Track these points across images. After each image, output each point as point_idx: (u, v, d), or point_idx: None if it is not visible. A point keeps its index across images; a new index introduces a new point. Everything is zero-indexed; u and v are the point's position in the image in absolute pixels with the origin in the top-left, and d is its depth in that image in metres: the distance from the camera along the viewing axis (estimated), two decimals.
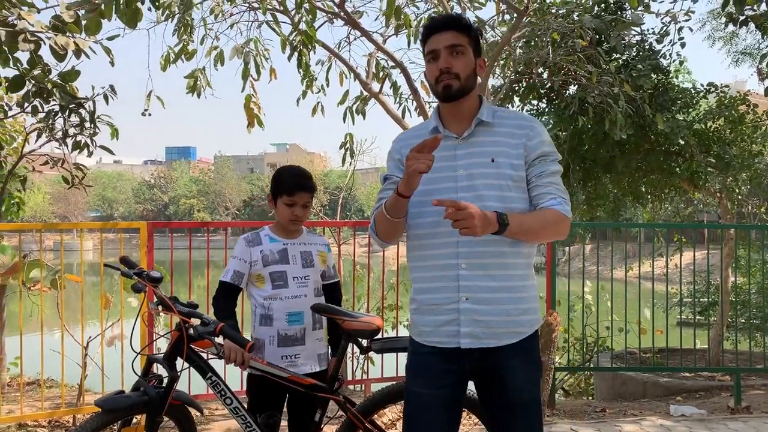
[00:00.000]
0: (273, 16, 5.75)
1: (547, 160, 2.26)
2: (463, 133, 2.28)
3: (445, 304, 2.23)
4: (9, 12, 4.58)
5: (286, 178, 2.99)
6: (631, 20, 7.06)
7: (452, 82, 2.22)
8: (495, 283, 2.20)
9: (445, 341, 2.24)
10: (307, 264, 3.00)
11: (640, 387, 6.70)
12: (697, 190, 8.55)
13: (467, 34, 2.26)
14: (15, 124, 6.85)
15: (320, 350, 3.03)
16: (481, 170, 2.23)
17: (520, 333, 2.25)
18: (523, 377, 2.25)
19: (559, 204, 2.21)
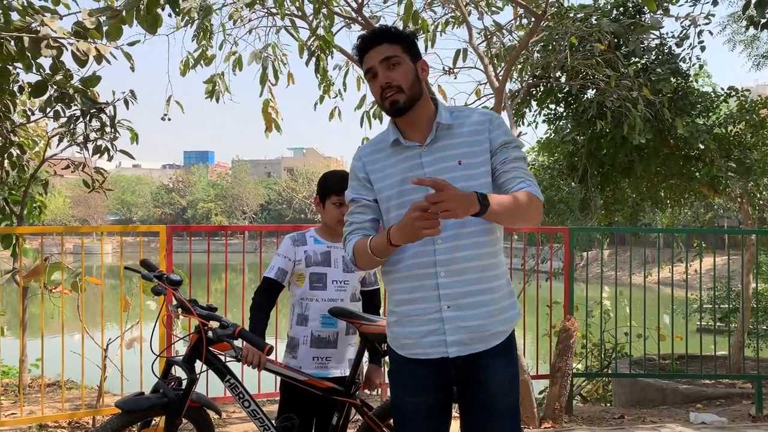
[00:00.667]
0: (291, 22, 5.78)
1: (509, 146, 2.22)
2: (425, 140, 2.22)
3: (426, 314, 2.17)
4: (32, 18, 4.65)
5: (334, 180, 3.04)
6: (650, 24, 7.02)
7: (397, 96, 2.17)
8: (473, 287, 2.16)
9: (430, 352, 2.18)
10: (348, 269, 3.03)
11: (659, 394, 6.63)
12: (717, 195, 8.46)
13: (399, 42, 2.21)
14: (37, 128, 6.94)
15: (351, 355, 3.05)
16: (450, 174, 2.15)
17: (504, 332, 2.22)
18: (504, 381, 2.22)
19: (529, 186, 2.15)
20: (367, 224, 2.29)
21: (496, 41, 6.71)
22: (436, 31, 6.15)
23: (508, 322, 2.23)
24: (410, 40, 2.26)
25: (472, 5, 6.20)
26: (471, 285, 2.16)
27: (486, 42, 6.45)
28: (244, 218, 70.12)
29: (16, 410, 4.98)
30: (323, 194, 3.05)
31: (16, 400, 5.39)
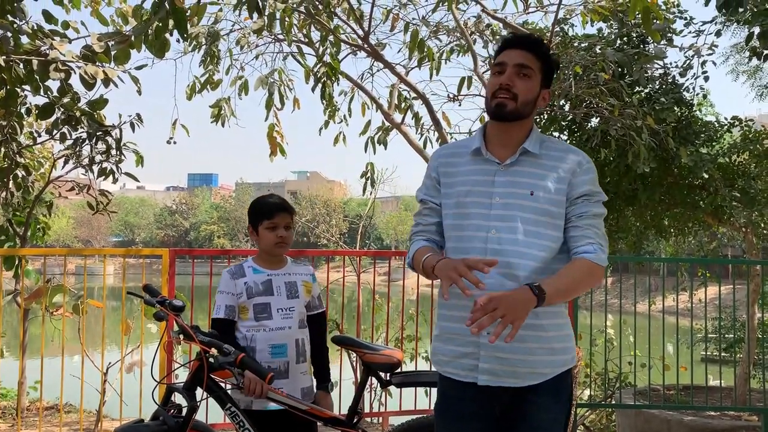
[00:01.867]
0: (298, 48, 5.84)
1: (591, 200, 2.14)
2: (505, 160, 2.16)
3: (465, 335, 2.10)
4: (42, 42, 4.70)
5: (262, 204, 3.00)
6: (654, 54, 7.06)
7: (508, 101, 2.10)
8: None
9: (462, 374, 2.15)
10: (291, 295, 2.96)
11: (664, 425, 6.53)
12: (721, 224, 8.44)
13: (542, 62, 2.15)
14: (43, 150, 6.99)
15: (304, 384, 2.96)
16: (519, 202, 2.11)
17: (544, 374, 2.13)
18: (547, 417, 2.15)
19: (595, 252, 2.09)
20: (433, 227, 2.28)
21: None
22: (441, 59, 6.20)
23: (553, 365, 2.14)
24: (551, 68, 2.20)
25: (477, 34, 6.26)
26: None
27: (490, 70, 6.50)
28: (246, 241, 70.09)
29: None
30: (255, 221, 2.99)
31: (14, 424, 5.34)
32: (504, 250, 2.09)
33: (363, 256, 7.38)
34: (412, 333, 6.76)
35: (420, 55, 5.82)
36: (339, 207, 60.24)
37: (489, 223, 2.12)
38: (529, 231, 2.11)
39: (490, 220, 2.13)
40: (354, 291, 6.29)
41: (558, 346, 2.15)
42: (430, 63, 5.92)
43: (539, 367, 2.12)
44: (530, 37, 2.21)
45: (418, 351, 6.07)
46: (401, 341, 6.04)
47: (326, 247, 21.61)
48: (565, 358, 2.18)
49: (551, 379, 2.14)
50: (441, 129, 5.79)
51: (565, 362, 2.18)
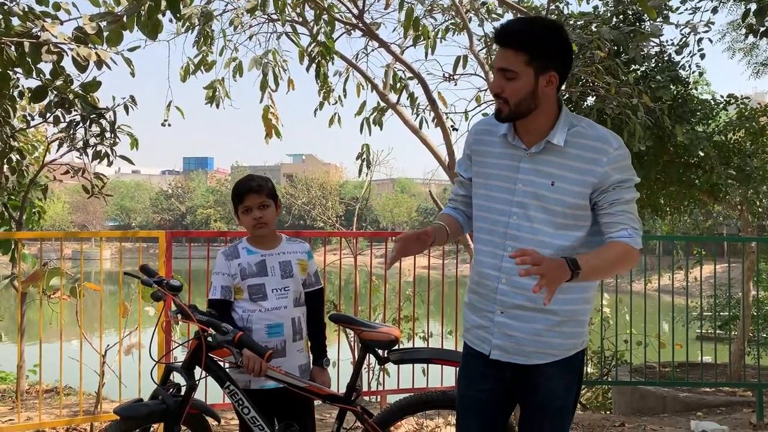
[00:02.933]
0: (292, 28, 5.79)
1: (623, 187, 2.13)
2: (531, 148, 2.19)
3: (483, 309, 2.25)
4: (33, 24, 4.65)
5: (235, 188, 3.00)
6: (650, 31, 7.02)
7: (502, 107, 2.14)
8: (530, 303, 2.14)
9: (476, 344, 2.28)
10: (286, 275, 2.97)
11: (660, 402, 6.61)
12: (717, 202, 8.47)
13: (527, 51, 2.07)
14: (37, 133, 6.94)
15: (301, 361, 3.00)
16: (540, 191, 2.15)
17: (552, 355, 2.20)
18: (557, 385, 2.22)
19: (630, 236, 2.10)
20: (460, 198, 2.46)
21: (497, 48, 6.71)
22: (436, 38, 6.14)
23: (562, 348, 2.21)
24: (542, 48, 2.09)
25: (473, 12, 6.21)
26: (529, 300, 2.14)
27: (486, 49, 6.45)
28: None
29: (13, 416, 4.96)
30: (234, 205, 3.02)
31: (14, 407, 5.37)
32: (522, 237, 2.16)
33: (360, 238, 7.39)
34: (409, 313, 6.79)
35: (415, 33, 5.77)
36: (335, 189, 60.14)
37: (511, 208, 2.19)
38: (547, 220, 2.15)
39: (512, 205, 2.19)
40: (351, 273, 6.30)
41: (569, 330, 2.20)
42: (426, 42, 5.87)
43: (547, 348, 2.19)
44: (510, 30, 2.14)
45: (415, 331, 6.10)
46: (398, 321, 6.08)
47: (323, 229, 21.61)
48: (576, 342, 2.24)
49: (560, 359, 2.22)
50: (437, 109, 5.75)
51: (575, 345, 2.24)
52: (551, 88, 2.14)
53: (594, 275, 2.08)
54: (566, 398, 2.24)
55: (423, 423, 4.90)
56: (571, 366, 2.24)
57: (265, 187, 2.98)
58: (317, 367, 3.03)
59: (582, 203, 2.15)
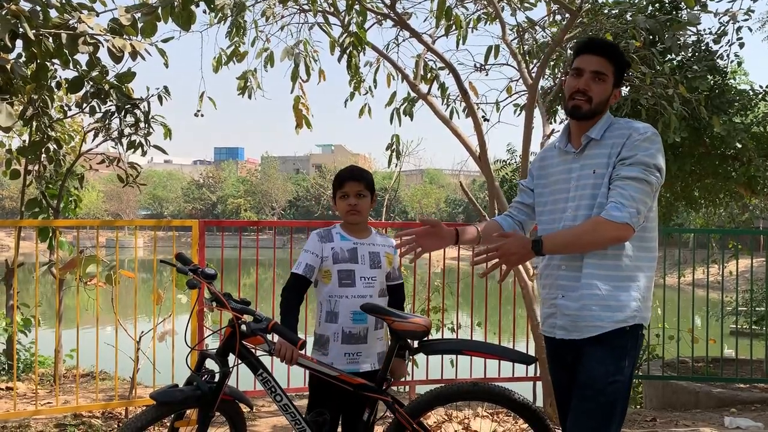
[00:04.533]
0: (324, 18, 5.79)
1: (625, 163, 2.36)
2: (578, 149, 2.51)
3: (550, 299, 2.53)
4: (70, 16, 4.73)
5: (339, 176, 3.09)
6: (687, 20, 6.88)
7: (583, 104, 2.42)
8: (583, 281, 2.40)
9: (548, 331, 2.56)
10: (375, 265, 3.05)
11: (692, 397, 6.51)
12: (754, 195, 8.28)
13: (615, 65, 2.45)
14: (74, 123, 7.07)
15: (380, 349, 3.08)
16: (585, 182, 2.44)
17: (600, 327, 2.38)
18: (597, 367, 2.36)
19: (613, 209, 2.30)
20: (516, 205, 2.78)
21: (529, 38, 6.63)
22: (468, 28, 6.10)
23: (608, 320, 2.37)
24: (623, 68, 2.50)
25: (505, 1, 6.14)
26: (581, 279, 2.40)
27: (519, 39, 6.38)
28: (272, 214, 70.64)
29: (51, 399, 5.09)
30: (334, 191, 3.12)
31: (52, 390, 5.51)
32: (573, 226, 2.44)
33: (388, 229, 7.39)
34: (437, 304, 6.79)
35: (447, 23, 5.73)
36: None
37: (567, 204, 2.50)
38: (592, 204, 2.40)
39: (568, 201, 2.50)
40: None
41: (614, 303, 2.38)
42: (457, 31, 5.82)
43: (595, 321, 2.39)
44: (606, 43, 2.53)
45: (444, 322, 6.09)
46: (427, 312, 6.07)
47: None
48: (622, 315, 2.37)
49: (607, 332, 2.37)
50: (468, 99, 5.71)
51: (623, 319, 2.38)
52: (613, 101, 2.51)
53: (559, 249, 2.39)
54: (605, 382, 2.33)
55: (452, 414, 4.91)
56: (615, 347, 2.37)
57: (364, 177, 3.09)
58: (397, 359, 3.06)
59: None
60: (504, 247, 2.29)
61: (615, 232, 2.29)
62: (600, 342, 2.38)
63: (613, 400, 2.33)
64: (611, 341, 2.37)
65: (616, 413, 2.34)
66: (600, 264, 2.38)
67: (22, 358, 6.62)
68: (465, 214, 63.30)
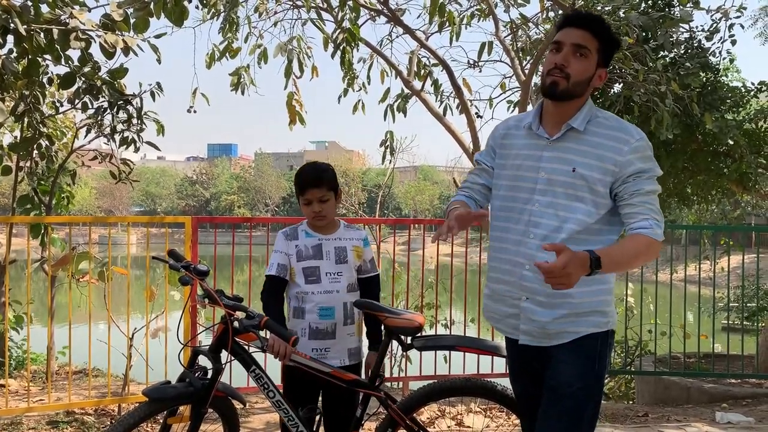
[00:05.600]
0: (317, 14, 5.79)
1: (642, 177, 2.17)
2: (553, 136, 2.25)
3: (511, 297, 2.32)
4: (61, 11, 4.71)
5: (298, 179, 3.02)
6: (679, 17, 6.89)
7: (560, 80, 2.17)
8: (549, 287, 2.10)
9: (508, 332, 2.39)
10: (340, 260, 3.02)
11: (684, 392, 6.55)
12: (746, 191, 8.31)
13: (601, 39, 2.20)
14: (66, 120, 7.04)
15: (351, 345, 3.05)
16: (561, 178, 2.22)
17: (573, 333, 2.26)
18: (570, 370, 2.24)
19: (650, 227, 2.12)
20: (477, 187, 2.48)
21: (522, 34, 6.65)
22: (461, 24, 6.10)
23: (578, 326, 2.26)
24: (610, 45, 2.24)
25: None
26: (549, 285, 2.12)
27: (512, 35, 6.39)
28: (266, 211, 70.55)
29: (43, 396, 5.07)
30: (296, 193, 3.04)
31: (44, 387, 5.49)
32: (543, 224, 2.23)
33: (382, 225, 7.40)
34: (431, 301, 6.80)
35: (440, 19, 5.74)
36: (357, 177, 60.21)
37: (533, 196, 2.26)
38: (567, 206, 2.21)
39: (534, 193, 2.26)
40: None
41: (588, 310, 2.26)
42: (451, 28, 5.84)
43: (567, 327, 2.26)
44: (590, 15, 2.25)
45: (438, 319, 6.11)
46: (421, 309, 6.08)
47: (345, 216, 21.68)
48: (593, 320, 2.27)
49: (578, 338, 2.26)
50: (461, 95, 5.73)
51: (595, 324, 2.27)
52: (598, 83, 2.25)
53: (615, 269, 2.12)
54: (578, 384, 2.24)
55: (445, 410, 4.92)
56: (586, 349, 2.26)
57: (325, 180, 2.99)
58: (372, 352, 3.07)
59: (602, 190, 2.20)
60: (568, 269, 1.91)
61: (658, 250, 2.14)
62: (571, 347, 2.26)
63: (583, 404, 2.25)
64: (583, 345, 2.26)
65: (586, 417, 2.27)
66: None
67: (14, 356, 6.59)
68: None
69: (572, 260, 1.91)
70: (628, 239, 2.14)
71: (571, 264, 1.90)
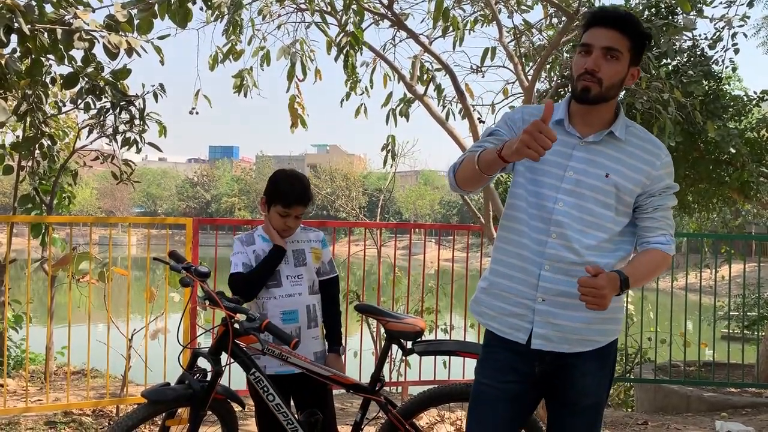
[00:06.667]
0: (321, 17, 5.78)
1: (668, 193, 2.20)
2: (587, 137, 2.17)
3: (518, 296, 2.18)
4: (65, 11, 4.71)
5: (284, 188, 2.97)
6: (683, 25, 6.90)
7: (592, 86, 2.08)
8: (575, 288, 2.02)
9: (507, 332, 2.20)
10: (299, 263, 3.01)
11: (684, 401, 6.53)
12: (747, 200, 8.31)
13: (631, 38, 2.09)
14: (68, 120, 7.04)
15: (316, 348, 3.03)
16: (592, 181, 2.14)
17: (595, 342, 2.21)
18: (592, 382, 2.23)
19: (667, 243, 2.18)
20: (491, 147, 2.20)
21: (526, 40, 6.65)
22: (465, 29, 6.10)
23: (603, 334, 2.22)
24: (642, 42, 2.13)
25: (502, 3, 6.15)
26: (573, 287, 2.04)
27: (515, 41, 6.39)
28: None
29: (42, 397, 5.06)
30: (269, 199, 2.99)
31: (42, 387, 5.48)
32: (567, 224, 2.13)
33: (383, 229, 7.39)
34: (431, 305, 6.78)
35: (444, 24, 5.74)
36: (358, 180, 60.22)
37: (557, 194, 2.15)
38: (595, 211, 2.14)
39: (559, 192, 2.15)
40: (374, 264, 6.31)
41: (608, 316, 2.20)
42: (455, 33, 5.83)
43: (592, 335, 2.19)
44: (618, 14, 2.13)
45: (437, 324, 6.09)
46: (421, 313, 6.08)
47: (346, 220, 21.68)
48: (615, 328, 2.28)
49: (600, 348, 2.22)
50: (464, 100, 5.72)
51: (615, 332, 2.28)
52: (631, 82, 2.17)
53: (636, 285, 2.12)
54: (598, 395, 2.26)
55: (444, 415, 4.90)
56: (607, 359, 2.26)
57: (310, 198, 3.00)
58: (333, 354, 3.06)
59: (629, 200, 2.17)
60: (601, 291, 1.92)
61: (670, 262, 2.21)
62: (595, 357, 2.21)
63: (602, 412, 2.31)
64: (607, 355, 2.25)
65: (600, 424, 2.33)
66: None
67: (12, 355, 6.58)
68: (459, 216, 63.36)
69: (610, 282, 1.95)
70: (647, 255, 2.15)
71: (609, 285, 1.94)
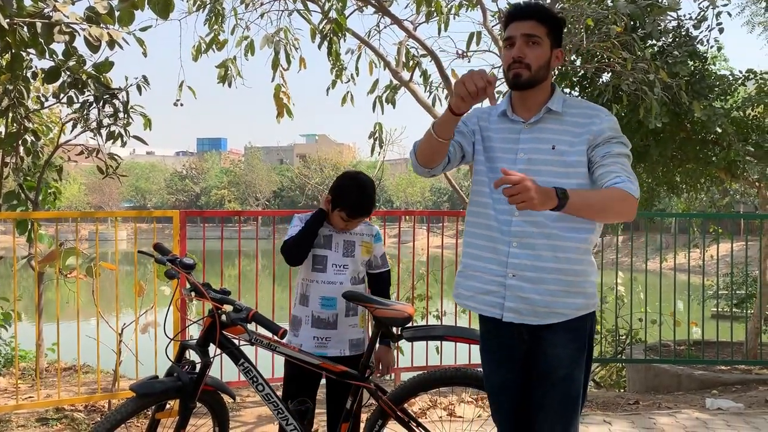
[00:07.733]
0: (303, 4, 5.74)
1: (613, 141, 2.26)
2: (529, 120, 2.33)
3: (489, 275, 2.32)
4: (45, 4, 4.64)
5: (352, 200, 2.98)
6: (667, 5, 6.90)
7: (522, 71, 2.26)
8: (542, 263, 2.24)
9: (483, 309, 2.36)
10: (347, 253, 3.06)
11: (675, 380, 6.59)
12: (734, 179, 8.36)
13: (547, 24, 2.29)
14: (51, 114, 6.97)
15: (353, 336, 3.07)
16: (541, 156, 2.28)
17: (561, 314, 2.27)
18: (562, 353, 2.29)
19: (623, 182, 2.13)
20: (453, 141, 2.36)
21: None
22: (449, 14, 6.08)
23: (569, 307, 2.28)
24: (557, 26, 2.33)
25: None
26: (540, 261, 2.24)
27: (500, 24, 6.37)
28: (257, 205, 70.33)
29: (33, 394, 5.04)
30: (337, 200, 3.01)
31: (33, 384, 5.45)
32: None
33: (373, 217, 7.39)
34: (422, 293, 6.79)
35: (428, 9, 5.71)
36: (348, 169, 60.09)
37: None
38: (552, 182, 2.13)
39: None
40: None
41: (575, 289, 2.28)
42: (438, 18, 5.81)
43: (557, 307, 2.27)
44: (530, 5, 2.33)
45: (429, 310, 6.11)
46: (412, 300, 6.08)
47: None
48: (584, 302, 2.31)
49: (569, 320, 2.29)
50: (450, 86, 5.70)
51: (585, 306, 2.31)
52: (557, 63, 2.36)
53: (585, 209, 2.07)
54: (570, 368, 2.29)
55: (437, 400, 4.92)
56: (578, 332, 2.31)
57: (373, 209, 3.09)
58: (383, 346, 3.08)
59: (581, 159, 2.26)
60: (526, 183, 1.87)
61: (634, 207, 2.14)
62: (563, 329, 2.28)
63: (578, 386, 2.30)
64: (574, 325, 2.29)
65: (580, 402, 2.33)
66: (560, 246, 2.23)
67: (2, 353, 6.54)
68: (450, 203, 63.42)
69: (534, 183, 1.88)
70: (603, 189, 2.14)
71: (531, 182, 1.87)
